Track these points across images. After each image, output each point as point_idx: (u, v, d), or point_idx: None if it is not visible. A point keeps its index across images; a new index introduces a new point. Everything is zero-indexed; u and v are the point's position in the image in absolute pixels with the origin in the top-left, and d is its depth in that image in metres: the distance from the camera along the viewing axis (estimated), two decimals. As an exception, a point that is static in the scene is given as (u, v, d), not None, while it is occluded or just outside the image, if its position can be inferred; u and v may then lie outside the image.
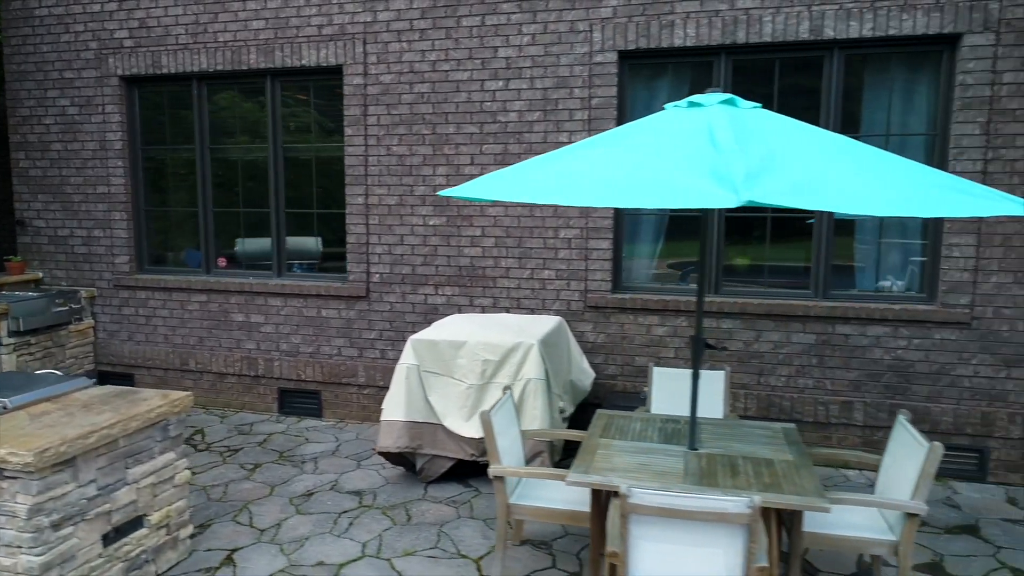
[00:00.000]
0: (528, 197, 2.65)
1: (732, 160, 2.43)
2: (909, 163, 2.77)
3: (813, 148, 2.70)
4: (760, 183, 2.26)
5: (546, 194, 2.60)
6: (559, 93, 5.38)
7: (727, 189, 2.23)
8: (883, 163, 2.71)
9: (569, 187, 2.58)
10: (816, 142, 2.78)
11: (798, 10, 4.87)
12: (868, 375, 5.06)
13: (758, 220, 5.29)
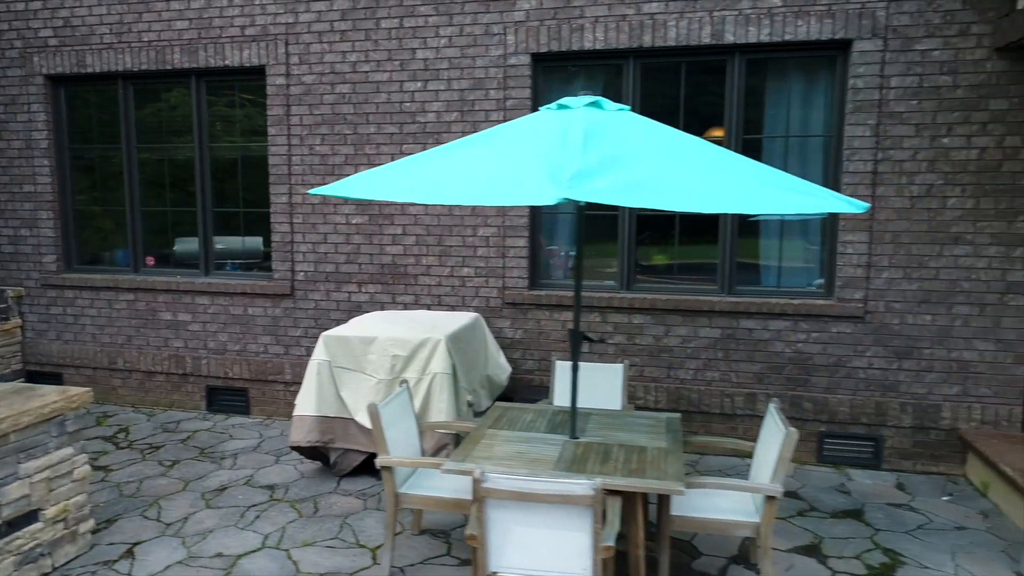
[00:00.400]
0: (386, 196, 2.76)
1: (570, 160, 2.56)
2: (755, 165, 2.93)
3: (662, 149, 2.85)
4: (588, 182, 2.39)
5: (402, 193, 2.72)
6: (475, 94, 5.50)
7: (553, 187, 2.36)
8: (727, 165, 2.86)
9: (422, 186, 2.70)
10: (667, 144, 2.92)
11: (700, 16, 5.04)
12: (770, 368, 5.25)
13: (668, 219, 5.45)
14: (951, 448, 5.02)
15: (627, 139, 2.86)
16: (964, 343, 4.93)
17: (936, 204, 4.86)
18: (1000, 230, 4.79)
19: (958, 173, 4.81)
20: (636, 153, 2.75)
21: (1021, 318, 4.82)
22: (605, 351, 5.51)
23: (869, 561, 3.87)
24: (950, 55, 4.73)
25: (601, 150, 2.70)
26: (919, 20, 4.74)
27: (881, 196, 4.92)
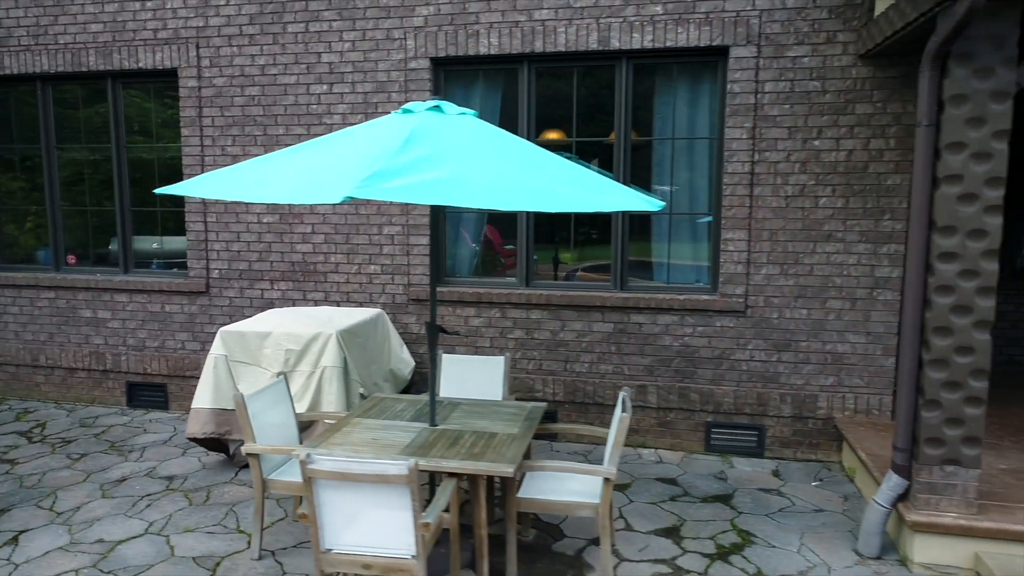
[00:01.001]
0: (221, 195, 2.93)
1: (378, 161, 2.74)
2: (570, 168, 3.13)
3: (480, 151, 3.04)
4: (382, 182, 2.57)
5: (233, 192, 2.89)
6: (379, 97, 5.67)
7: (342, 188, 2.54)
8: (540, 167, 3.06)
9: (251, 186, 2.88)
10: (488, 146, 3.11)
11: (587, 23, 5.25)
12: (659, 360, 5.46)
13: (564, 219, 5.65)
14: (828, 436, 5.26)
15: (448, 141, 3.05)
16: (837, 336, 5.17)
17: (809, 203, 5.10)
18: (868, 228, 5.03)
19: (828, 174, 5.04)
20: (451, 154, 2.93)
21: (889, 312, 5.07)
22: (505, 346, 5.70)
23: (721, 541, 4.08)
24: (818, 62, 4.96)
25: (415, 151, 2.88)
26: (789, 28, 4.97)
27: (759, 196, 5.15)
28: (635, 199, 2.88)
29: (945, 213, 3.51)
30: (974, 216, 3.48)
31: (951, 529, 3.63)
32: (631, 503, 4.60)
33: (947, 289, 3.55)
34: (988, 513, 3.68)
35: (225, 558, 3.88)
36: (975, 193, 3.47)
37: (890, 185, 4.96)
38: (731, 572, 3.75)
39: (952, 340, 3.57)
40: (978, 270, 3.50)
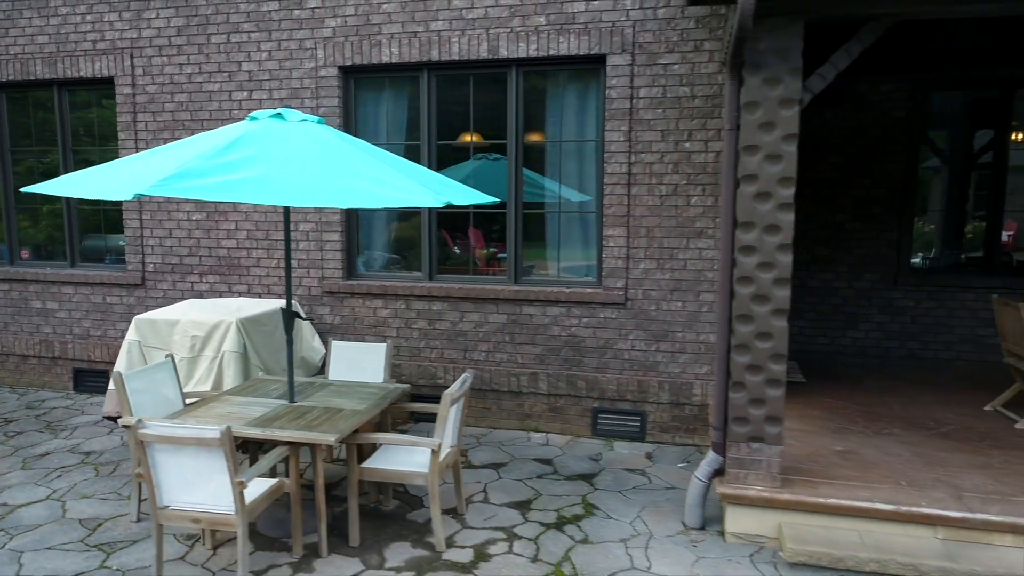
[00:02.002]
0: (78, 193, 3.34)
1: (192, 161, 3.14)
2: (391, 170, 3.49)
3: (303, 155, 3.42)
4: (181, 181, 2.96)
5: (85, 190, 3.30)
6: (294, 103, 6.09)
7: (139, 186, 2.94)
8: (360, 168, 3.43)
9: (98, 184, 3.28)
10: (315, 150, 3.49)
11: (478, 33, 5.61)
12: (549, 350, 5.81)
13: (463, 216, 6.02)
14: (703, 422, 5.57)
15: (274, 145, 3.43)
16: (710, 327, 5.47)
17: (681, 202, 5.41)
18: (736, 225, 5.33)
19: (699, 174, 5.36)
20: (270, 156, 3.32)
21: (756, 304, 5.36)
22: (410, 336, 6.08)
23: (565, 513, 4.42)
24: (687, 68, 5.28)
25: (236, 154, 3.27)
26: (660, 38, 5.30)
27: (636, 195, 5.48)
28: (424, 195, 3.25)
29: (744, 210, 3.83)
30: (769, 213, 3.79)
31: (756, 501, 3.95)
32: (499, 479, 4.95)
33: (747, 280, 3.87)
34: (793, 487, 3.99)
35: (108, 520, 4.31)
36: (769, 192, 3.78)
37: (755, 185, 5.25)
38: (559, 538, 4.10)
39: (753, 327, 3.89)
40: (774, 263, 3.82)
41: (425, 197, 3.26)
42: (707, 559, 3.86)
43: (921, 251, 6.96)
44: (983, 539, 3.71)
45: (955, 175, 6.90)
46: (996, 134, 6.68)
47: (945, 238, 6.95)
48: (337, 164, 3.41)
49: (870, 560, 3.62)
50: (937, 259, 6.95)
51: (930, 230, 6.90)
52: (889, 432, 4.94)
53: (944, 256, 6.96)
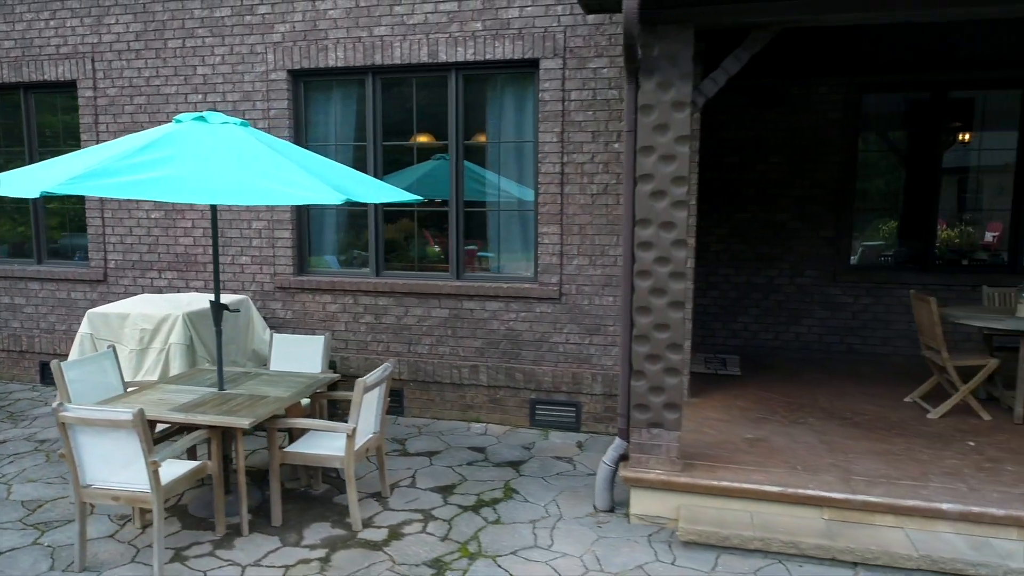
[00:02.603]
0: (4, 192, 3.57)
1: (108, 161, 3.36)
2: (292, 168, 3.71)
3: (219, 156, 3.64)
4: (93, 180, 3.18)
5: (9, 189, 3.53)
6: (245, 105, 6.32)
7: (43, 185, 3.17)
8: (272, 168, 3.65)
9: (19, 183, 3.51)
10: (231, 152, 3.71)
11: (419, 38, 5.83)
12: (489, 343, 6.02)
13: (410, 215, 6.24)
14: (635, 413, 5.77)
15: (191, 147, 3.66)
16: (640, 321, 5.68)
17: (612, 201, 5.62)
18: (663, 223, 5.53)
19: (614, 174, 5.55)
20: (184, 157, 3.54)
21: (683, 299, 5.56)
22: (357, 330, 6.30)
23: (484, 497, 4.64)
24: (616, 72, 5.49)
25: (150, 155, 3.50)
26: (590, 42, 5.51)
27: (568, 194, 5.69)
28: (325, 193, 3.46)
29: (642, 207, 4.04)
30: (664, 210, 4.00)
31: (656, 484, 4.16)
32: (431, 466, 5.17)
33: (646, 274, 4.08)
34: (693, 471, 4.20)
35: (49, 502, 4.54)
36: (664, 190, 3.99)
37: (680, 184, 5.46)
38: (473, 520, 4.31)
39: (652, 318, 4.10)
40: (670, 257, 4.03)
41: (325, 195, 3.47)
42: (608, 539, 4.07)
43: (885, 250, 7.16)
44: (865, 519, 3.91)
45: (893, 176, 7.10)
46: (929, 135, 6.87)
47: (900, 236, 7.14)
48: (248, 164, 3.63)
49: (754, 538, 3.82)
50: (895, 257, 7.14)
51: (887, 228, 7.09)
52: (804, 422, 5.14)
53: (900, 254, 7.15)
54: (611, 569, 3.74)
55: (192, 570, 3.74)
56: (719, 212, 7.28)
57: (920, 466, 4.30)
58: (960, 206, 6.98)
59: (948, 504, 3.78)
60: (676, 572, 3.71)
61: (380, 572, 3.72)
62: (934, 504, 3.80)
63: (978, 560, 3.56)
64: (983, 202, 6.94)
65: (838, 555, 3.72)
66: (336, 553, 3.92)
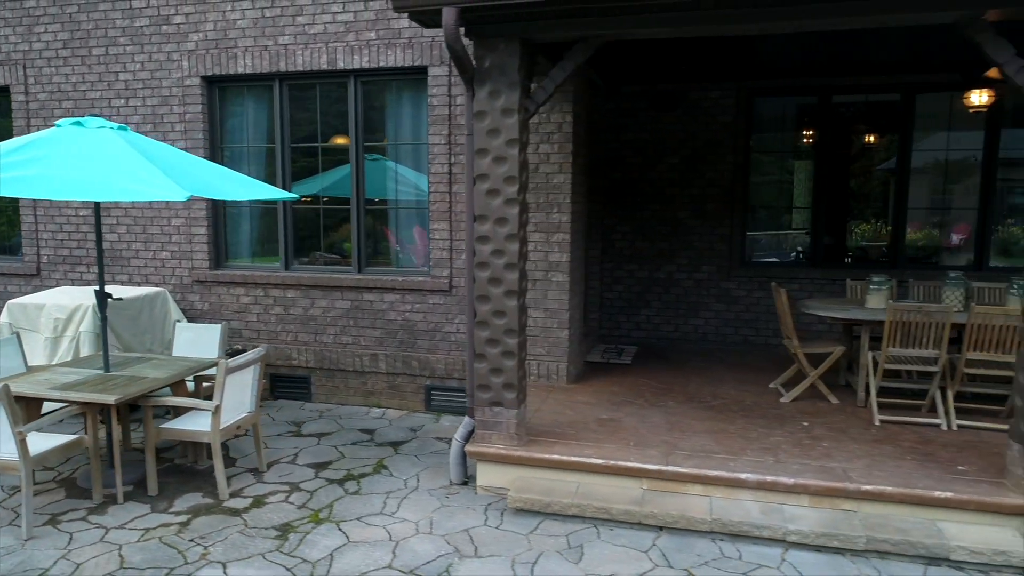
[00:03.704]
0: None
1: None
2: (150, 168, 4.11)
3: (87, 156, 4.03)
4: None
5: None
6: (164, 109, 6.72)
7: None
8: (137, 167, 4.04)
9: None
10: (100, 153, 4.10)
11: (319, 46, 6.22)
12: (387, 333, 6.41)
13: (316, 212, 6.63)
14: (520, 398, 6.15)
15: (63, 148, 4.05)
16: (523, 312, 6.06)
17: (495, 199, 5.99)
18: (541, 220, 5.92)
19: (509, 174, 5.94)
20: (53, 157, 3.94)
21: (561, 291, 5.95)
22: (268, 320, 6.69)
23: (354, 472, 5.03)
24: (496, 79, 5.86)
25: (20, 155, 3.90)
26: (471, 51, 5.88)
27: (456, 192, 6.07)
28: (172, 191, 3.85)
29: (479, 205, 4.43)
30: (499, 207, 4.39)
31: (496, 457, 4.54)
32: (318, 446, 5.56)
33: (484, 265, 4.46)
34: (531, 446, 4.58)
35: (-48, 475, 4.95)
36: (498, 189, 4.37)
37: (556, 183, 5.85)
38: (335, 491, 4.70)
39: (490, 305, 4.48)
40: (504, 250, 4.41)
41: (172, 192, 3.86)
42: (449, 507, 4.46)
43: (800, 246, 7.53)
44: (678, 489, 4.29)
45: (784, 176, 7.47)
46: (816, 137, 7.23)
47: (793, 232, 7.52)
48: (112, 164, 4.03)
49: (572, 505, 4.20)
50: (811, 253, 7.51)
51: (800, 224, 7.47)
52: (663, 405, 5.52)
53: (817, 250, 7.52)
54: (439, 532, 4.13)
55: (61, 532, 4.14)
56: (623, 210, 7.66)
57: (745, 443, 4.67)
58: (850, 205, 7.35)
59: (747, 474, 4.16)
60: (498, 534, 4.10)
61: (231, 533, 4.11)
62: (736, 474, 4.17)
63: (763, 523, 3.93)
64: (870, 202, 7.30)
65: (643, 519, 4.10)
66: (198, 518, 4.31)
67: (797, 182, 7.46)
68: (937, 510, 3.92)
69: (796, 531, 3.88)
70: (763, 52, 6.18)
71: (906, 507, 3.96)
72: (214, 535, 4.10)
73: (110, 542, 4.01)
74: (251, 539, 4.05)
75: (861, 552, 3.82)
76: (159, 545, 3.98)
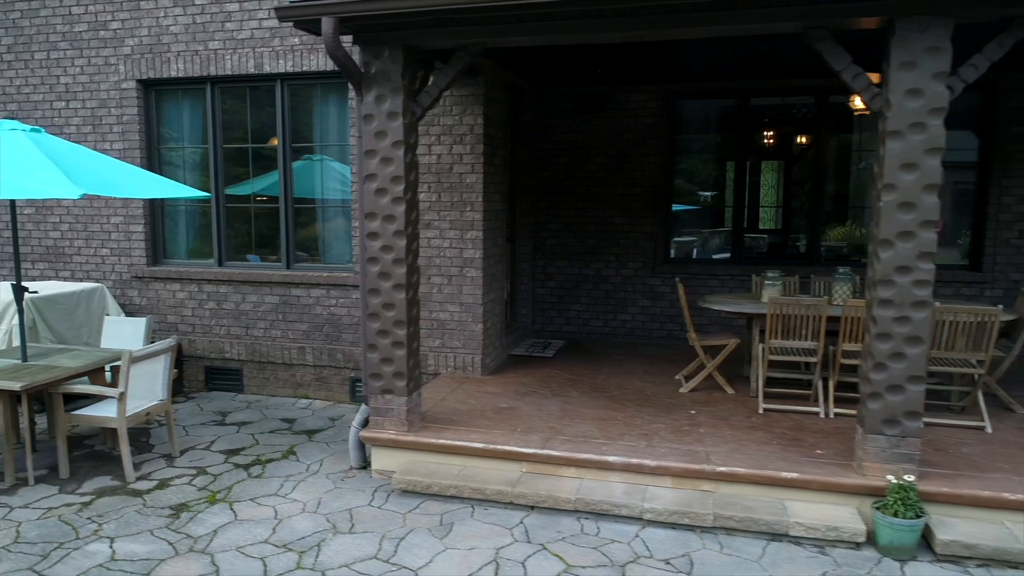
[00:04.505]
0: None
1: None
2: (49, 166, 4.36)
3: None
4: None
5: None
6: (102, 112, 6.98)
7: None
8: (28, 167, 4.30)
9: None
10: (5, 153, 4.36)
11: (247, 51, 6.48)
12: (314, 327, 6.67)
13: (246, 211, 6.89)
14: (438, 389, 6.40)
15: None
16: (439, 306, 6.32)
17: (412, 198, 6.25)
18: (456, 218, 6.17)
19: (425, 174, 6.20)
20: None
21: (475, 286, 6.20)
22: (203, 315, 6.95)
23: (263, 458, 5.28)
24: (411, 83, 6.11)
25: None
26: (389, 56, 6.14)
27: (376, 191, 6.32)
28: (67, 190, 4.11)
29: (369, 203, 4.68)
30: (387, 205, 4.64)
31: (387, 442, 4.79)
32: (237, 433, 5.82)
33: (374, 260, 4.71)
34: (423, 432, 4.83)
35: None
36: (386, 188, 4.63)
37: (469, 183, 6.10)
38: (238, 475, 4.96)
39: (381, 298, 4.73)
40: (392, 246, 4.66)
41: (65, 191, 4.12)
42: (341, 489, 4.71)
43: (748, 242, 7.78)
44: (554, 471, 4.54)
45: (706, 176, 7.72)
46: (737, 138, 7.48)
47: (715, 230, 7.76)
48: (14, 164, 4.29)
49: (450, 486, 4.45)
50: (733, 251, 7.75)
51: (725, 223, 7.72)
52: (566, 395, 5.77)
53: (712, 247, 7.77)
54: (323, 511, 4.38)
55: (-32, 511, 4.40)
56: (554, 209, 7.91)
57: (627, 429, 4.92)
58: (782, 203, 7.60)
59: (614, 457, 4.41)
60: (378, 513, 4.35)
61: (127, 512, 4.37)
62: (604, 458, 4.42)
63: (623, 502, 4.18)
64: (793, 203, 7.55)
65: (515, 499, 4.35)
66: (101, 499, 4.57)
67: (721, 182, 7.71)
68: (785, 490, 4.18)
69: (651, 509, 4.13)
70: (683, 57, 6.40)
71: (758, 487, 4.21)
72: (111, 514, 4.35)
73: (11, 520, 4.27)
74: (145, 517, 4.31)
75: (710, 528, 4.07)
76: (57, 523, 4.23)
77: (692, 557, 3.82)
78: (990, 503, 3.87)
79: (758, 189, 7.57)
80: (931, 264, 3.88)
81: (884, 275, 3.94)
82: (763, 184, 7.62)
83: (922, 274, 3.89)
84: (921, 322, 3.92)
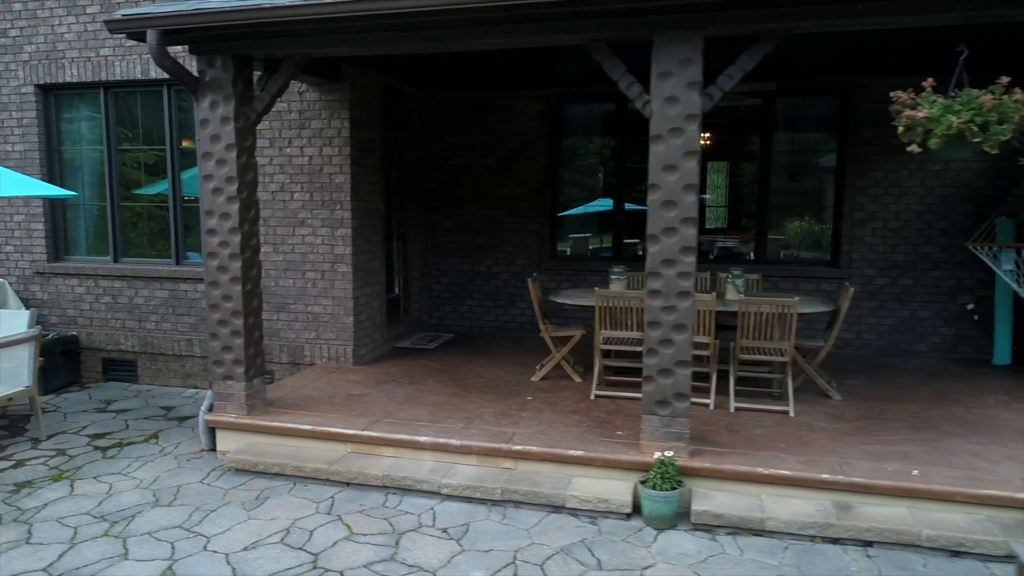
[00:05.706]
0: None
1: None
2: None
3: None
4: None
5: None
6: (4, 115, 7.31)
7: None
8: None
9: None
10: None
11: (134, 58, 6.82)
12: (201, 319, 7.01)
13: (140, 211, 7.23)
14: (315, 379, 6.73)
15: None
16: (314, 300, 6.66)
17: (287, 197, 6.60)
18: (327, 216, 6.51)
19: (298, 174, 6.54)
20: None
21: (345, 281, 6.54)
22: (100, 308, 7.29)
23: (125, 441, 5.61)
24: (284, 88, 6.45)
25: None
26: (263, 63, 6.48)
27: (254, 191, 6.66)
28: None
29: (207, 201, 5.02)
30: (223, 203, 4.98)
31: (229, 425, 5.13)
32: (113, 419, 6.15)
33: (213, 255, 5.05)
34: (266, 416, 5.16)
35: None
36: (221, 187, 4.96)
37: (338, 183, 6.44)
38: (93, 456, 5.30)
39: (220, 291, 5.07)
40: (229, 242, 5.00)
41: None
42: (183, 468, 5.05)
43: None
44: (375, 451, 4.88)
45: (591, 176, 8.06)
46: (616, 141, 7.82)
47: (600, 228, 8.10)
48: None
49: (275, 465, 4.80)
50: (615, 249, 8.09)
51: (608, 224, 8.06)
52: (422, 383, 6.11)
53: (598, 244, 8.11)
54: (154, 487, 4.72)
55: None
56: (448, 207, 8.25)
57: (456, 413, 5.26)
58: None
59: (425, 438, 4.75)
60: (204, 489, 4.70)
61: (-27, 489, 4.71)
62: (415, 438, 4.76)
63: (424, 478, 4.52)
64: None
65: (331, 476, 4.69)
66: (-46, 477, 4.91)
67: (604, 183, 8.05)
68: (574, 467, 4.51)
69: (448, 484, 4.47)
70: (567, 62, 6.72)
71: (551, 464, 4.55)
72: (-42, 490, 4.69)
73: None
74: (-13, 493, 4.65)
75: (500, 502, 4.41)
76: (-98, 497, 4.58)
77: (471, 527, 4.16)
78: (745, 477, 4.21)
79: (638, 190, 7.91)
80: (692, 257, 4.23)
81: (653, 268, 4.28)
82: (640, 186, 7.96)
83: (685, 266, 4.23)
84: (686, 311, 4.26)
